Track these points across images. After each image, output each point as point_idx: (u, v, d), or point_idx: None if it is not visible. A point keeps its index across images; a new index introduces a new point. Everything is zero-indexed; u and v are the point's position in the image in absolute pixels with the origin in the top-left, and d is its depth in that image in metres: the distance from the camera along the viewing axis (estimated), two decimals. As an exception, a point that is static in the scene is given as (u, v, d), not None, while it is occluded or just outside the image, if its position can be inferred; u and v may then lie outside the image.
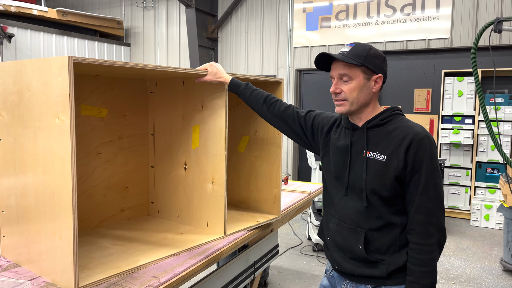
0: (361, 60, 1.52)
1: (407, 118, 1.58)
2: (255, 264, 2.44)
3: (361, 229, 1.55)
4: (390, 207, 1.53)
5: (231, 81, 1.95)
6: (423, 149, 1.47)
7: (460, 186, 6.27)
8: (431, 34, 6.58)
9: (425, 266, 1.46)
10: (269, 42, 7.93)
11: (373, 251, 1.55)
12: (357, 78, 1.54)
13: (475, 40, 2.77)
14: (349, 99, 1.56)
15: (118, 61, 1.56)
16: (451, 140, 6.13)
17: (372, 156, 1.54)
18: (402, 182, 1.50)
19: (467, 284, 3.90)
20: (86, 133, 2.12)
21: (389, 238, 1.53)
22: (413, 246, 1.49)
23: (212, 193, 2.12)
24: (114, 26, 9.08)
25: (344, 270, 1.63)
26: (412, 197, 1.49)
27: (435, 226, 1.47)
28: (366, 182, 1.53)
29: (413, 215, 1.49)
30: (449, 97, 6.25)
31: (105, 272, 1.61)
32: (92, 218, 2.18)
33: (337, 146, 1.65)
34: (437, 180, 1.48)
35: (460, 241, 5.19)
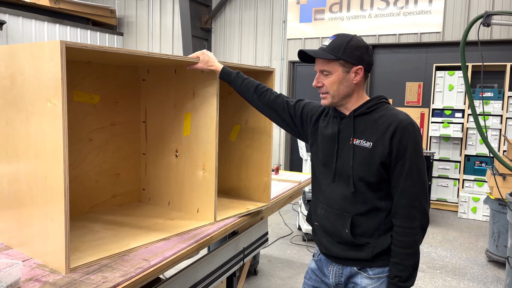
0: (338, 54, 1.56)
1: (392, 106, 1.63)
2: (244, 251, 2.48)
3: (348, 214, 1.61)
4: (376, 192, 1.58)
5: (222, 70, 1.98)
6: (408, 135, 1.52)
7: (449, 179, 6.37)
8: (423, 28, 6.63)
9: (408, 248, 1.52)
10: (263, 33, 7.93)
11: (359, 235, 1.60)
12: (335, 72, 1.59)
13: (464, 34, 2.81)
14: (330, 92, 1.62)
15: (110, 47, 1.57)
16: (441, 134, 6.21)
17: (358, 143, 1.59)
18: (387, 168, 1.55)
19: (453, 274, 3.99)
20: (78, 119, 2.13)
21: (374, 222, 1.59)
22: (397, 229, 1.55)
23: (202, 180, 2.15)
24: (107, 14, 9.01)
25: (331, 254, 1.68)
26: (397, 182, 1.54)
27: (418, 210, 1.53)
28: (353, 168, 1.58)
29: (397, 200, 1.55)
30: (440, 91, 6.32)
31: (96, 254, 1.65)
32: (83, 204, 2.20)
33: (325, 134, 1.70)
34: (420, 165, 1.54)
35: (447, 232, 5.29)
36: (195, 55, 1.99)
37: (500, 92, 5.97)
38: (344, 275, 1.67)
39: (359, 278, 1.63)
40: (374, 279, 1.61)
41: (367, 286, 1.61)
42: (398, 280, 1.53)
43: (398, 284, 1.53)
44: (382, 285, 1.60)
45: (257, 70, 2.41)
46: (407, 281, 1.53)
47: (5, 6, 6.98)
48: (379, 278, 1.61)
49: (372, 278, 1.61)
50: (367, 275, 1.62)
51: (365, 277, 1.62)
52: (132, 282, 1.48)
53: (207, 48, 8.32)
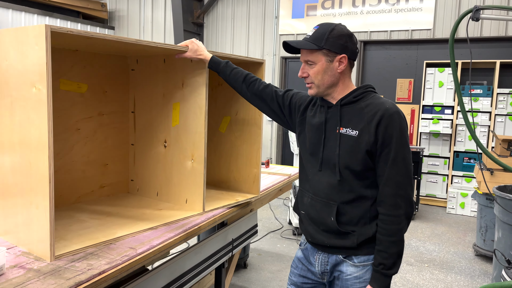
0: (321, 44, 1.56)
1: (379, 95, 1.63)
2: (233, 242, 2.48)
3: (334, 202, 1.61)
4: (362, 180, 1.59)
5: (211, 59, 1.97)
6: (393, 124, 1.52)
7: (438, 174, 6.43)
8: (415, 25, 6.66)
9: (393, 236, 1.53)
10: (255, 29, 7.91)
11: (345, 223, 1.61)
12: (319, 61, 1.59)
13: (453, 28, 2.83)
14: (315, 82, 1.62)
15: (97, 33, 1.56)
16: (431, 130, 6.25)
17: (345, 132, 1.59)
18: (373, 156, 1.55)
19: (440, 267, 4.03)
20: (65, 108, 2.11)
21: (360, 210, 1.59)
22: (382, 217, 1.56)
23: (191, 171, 2.14)
24: (98, 8, 8.92)
25: (316, 242, 1.69)
26: (382, 170, 1.54)
27: (403, 198, 1.53)
28: (339, 157, 1.59)
29: (382, 188, 1.55)
30: (430, 88, 6.36)
31: (82, 242, 1.63)
32: (70, 194, 2.18)
33: (313, 123, 1.70)
34: (406, 154, 1.54)
35: (436, 227, 5.34)
36: (184, 44, 1.98)
37: (489, 89, 6.02)
38: (329, 263, 1.67)
39: (344, 266, 1.64)
40: (359, 267, 1.62)
41: (352, 274, 1.62)
42: (382, 268, 1.54)
43: (383, 271, 1.54)
44: (367, 273, 1.61)
45: (247, 61, 2.40)
46: (391, 268, 1.54)
47: (-6, -2, 6.88)
48: (364, 266, 1.61)
49: (357, 266, 1.62)
50: (352, 263, 1.62)
51: (350, 265, 1.63)
52: (118, 269, 1.48)
53: (199, 43, 8.28)
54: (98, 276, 1.41)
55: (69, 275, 1.38)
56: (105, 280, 1.42)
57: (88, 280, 1.37)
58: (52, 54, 2.00)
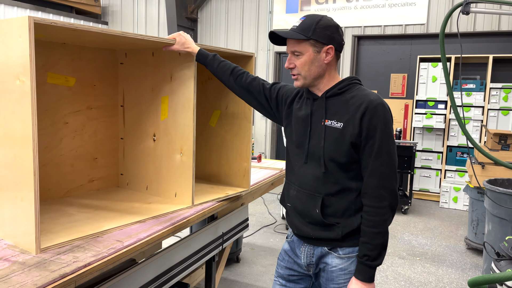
0: (308, 34, 1.56)
1: (364, 87, 1.63)
2: (224, 236, 2.48)
3: (319, 194, 1.62)
4: (347, 172, 1.59)
5: (198, 52, 1.96)
6: (377, 115, 1.52)
7: (432, 169, 6.45)
8: (408, 20, 6.66)
9: (377, 228, 1.54)
10: (249, 24, 7.89)
11: (330, 215, 1.61)
12: (306, 52, 1.58)
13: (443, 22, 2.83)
14: (301, 73, 1.61)
15: (82, 24, 1.55)
16: (424, 125, 6.27)
17: (330, 124, 1.59)
18: (358, 148, 1.56)
19: (432, 261, 4.06)
20: (53, 102, 2.10)
21: (345, 202, 1.60)
22: (367, 209, 1.56)
23: (180, 164, 2.14)
24: (91, 3, 8.86)
25: (302, 234, 1.69)
26: (366, 162, 1.55)
27: (387, 190, 1.53)
28: (324, 149, 1.59)
29: (367, 179, 1.55)
30: (424, 82, 6.37)
31: (68, 235, 1.63)
32: (59, 187, 2.18)
33: (299, 116, 1.70)
34: (390, 146, 1.54)
35: (429, 221, 5.37)
36: (172, 37, 1.97)
37: (482, 84, 6.05)
38: (315, 255, 1.68)
39: (329, 258, 1.64)
40: (344, 258, 1.62)
41: (338, 265, 1.63)
42: (367, 259, 1.54)
43: (367, 263, 1.54)
44: (352, 265, 1.62)
45: (237, 54, 2.39)
46: (375, 260, 1.54)
47: (-15, -7, 6.82)
48: (349, 257, 1.62)
49: (343, 258, 1.62)
50: (337, 255, 1.63)
51: (335, 257, 1.63)
52: (103, 262, 1.47)
53: (193, 38, 8.26)
54: (83, 268, 1.41)
55: (54, 267, 1.38)
56: (91, 272, 1.42)
57: (73, 272, 1.37)
58: (39, 47, 2.00)
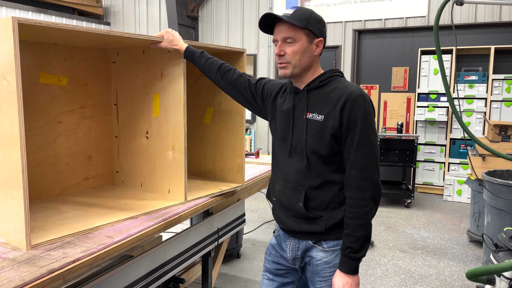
0: (304, 23, 1.55)
1: (345, 79, 1.63)
2: (219, 231, 2.50)
3: (302, 187, 1.62)
4: (329, 165, 1.59)
5: (186, 49, 1.97)
6: (357, 107, 1.52)
7: (435, 162, 6.42)
8: (409, 13, 6.62)
9: (359, 220, 1.53)
10: (250, 20, 7.89)
11: (313, 208, 1.62)
12: (300, 40, 1.57)
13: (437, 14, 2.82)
14: (291, 61, 1.59)
15: (67, 24, 1.57)
16: (426, 118, 6.24)
17: (311, 117, 1.59)
18: (339, 140, 1.55)
19: (433, 254, 4.04)
20: (46, 101, 2.13)
21: (328, 195, 1.60)
22: (349, 201, 1.56)
23: (173, 161, 2.16)
24: (93, 4, 8.91)
25: (287, 228, 1.70)
26: (348, 154, 1.55)
27: (369, 181, 1.53)
28: (306, 142, 1.59)
29: (348, 171, 1.55)
30: (425, 75, 6.33)
31: (60, 232, 1.66)
32: (54, 186, 2.21)
33: (282, 110, 1.71)
34: (371, 137, 1.54)
35: (432, 214, 5.34)
36: (160, 34, 1.98)
37: (484, 76, 5.99)
38: (300, 249, 1.68)
39: (314, 252, 1.65)
40: (328, 252, 1.62)
41: (322, 259, 1.63)
42: (350, 251, 1.54)
43: (350, 255, 1.54)
44: (337, 258, 1.62)
45: (228, 50, 2.40)
46: (358, 251, 1.54)
47: (-13, -4, 6.89)
48: (333, 251, 1.62)
49: (327, 251, 1.62)
50: (322, 248, 1.63)
51: (320, 250, 1.63)
52: (92, 257, 1.50)
53: (194, 36, 8.28)
54: (72, 264, 1.43)
55: (43, 263, 1.41)
56: (80, 268, 1.45)
57: (61, 268, 1.39)
58: (31, 48, 2.03)
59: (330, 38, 7.21)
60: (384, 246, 4.24)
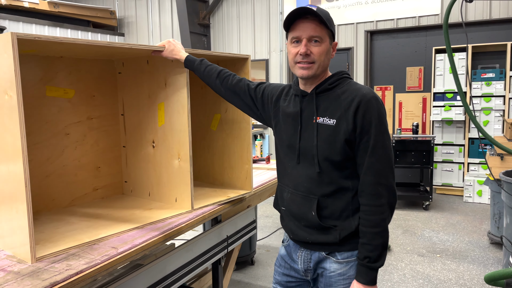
0: (329, 24, 1.51)
1: (355, 81, 1.58)
2: (228, 239, 2.48)
3: (314, 195, 1.56)
4: (342, 171, 1.54)
5: (186, 58, 1.97)
6: (371, 110, 1.47)
7: (453, 163, 6.27)
8: (422, 11, 6.52)
9: (376, 227, 1.48)
10: (261, 26, 7.90)
11: (326, 217, 1.56)
12: (325, 41, 1.52)
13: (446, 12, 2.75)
14: (317, 62, 1.52)
15: (66, 37, 1.58)
16: (443, 117, 6.11)
17: (322, 122, 1.54)
18: (352, 145, 1.50)
19: (453, 257, 3.93)
20: (53, 114, 2.16)
21: (341, 202, 1.54)
22: (364, 208, 1.50)
23: (179, 169, 2.16)
24: (107, 16, 9.08)
25: (298, 239, 1.64)
26: (362, 159, 1.49)
27: (384, 187, 1.48)
28: (318, 148, 1.54)
29: (363, 177, 1.50)
30: (441, 74, 6.21)
31: (65, 244, 1.66)
32: (63, 197, 2.23)
33: (287, 114, 1.66)
34: (386, 141, 1.49)
35: (451, 216, 5.21)
36: (161, 44, 1.99)
37: (502, 72, 5.84)
38: (312, 261, 1.63)
39: (328, 263, 1.59)
40: (343, 263, 1.57)
41: (336, 270, 1.57)
42: (368, 261, 1.48)
43: (368, 265, 1.48)
44: (351, 269, 1.56)
45: (233, 57, 2.40)
46: (377, 261, 1.48)
47: (5, 12, 7.09)
48: (348, 262, 1.57)
49: (341, 263, 1.57)
50: (335, 260, 1.58)
51: (334, 261, 1.58)
52: (96, 269, 1.50)
53: (207, 43, 8.33)
54: (75, 276, 1.43)
55: (46, 276, 1.41)
56: (83, 280, 1.45)
57: (64, 280, 1.40)
58: (36, 62, 2.07)
59: (342, 40, 7.15)
60: (402, 250, 4.15)
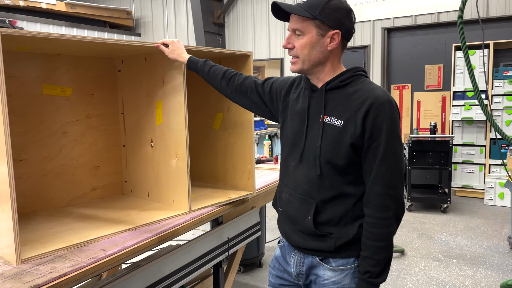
0: (314, 13, 1.37)
1: (370, 80, 1.46)
2: (229, 241, 2.41)
3: (313, 199, 1.46)
4: (344, 176, 1.43)
5: (189, 59, 1.89)
6: (383, 114, 1.35)
7: (474, 164, 6.05)
8: (441, 7, 6.31)
9: (380, 241, 1.37)
10: (275, 24, 7.81)
11: (323, 224, 1.46)
12: (309, 33, 1.40)
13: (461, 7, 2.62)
14: (300, 56, 1.43)
15: (54, 33, 1.54)
16: (463, 117, 5.89)
17: (329, 121, 1.43)
18: (359, 150, 1.39)
19: (470, 263, 3.76)
20: (50, 112, 2.13)
21: (341, 209, 1.44)
22: (369, 220, 1.39)
23: (176, 169, 2.10)
24: (124, 16, 9.16)
25: (292, 243, 1.56)
26: (370, 167, 1.38)
27: (393, 199, 1.37)
28: (321, 149, 1.43)
29: (370, 187, 1.39)
30: (461, 72, 5.99)
31: (53, 245, 1.62)
32: (61, 197, 2.20)
33: (295, 109, 1.55)
34: (397, 148, 1.37)
35: (471, 220, 5.01)
36: (165, 41, 1.93)
37: (525, 70, 5.59)
38: (305, 265, 1.54)
39: (321, 270, 1.50)
40: (337, 271, 1.47)
41: (330, 278, 1.48)
42: (369, 276, 1.38)
43: (369, 280, 1.38)
44: (346, 278, 1.46)
45: (234, 54, 2.33)
46: (379, 276, 1.38)
47: (23, 13, 7.21)
48: (342, 270, 1.47)
49: (335, 270, 1.47)
50: (329, 267, 1.48)
51: (327, 269, 1.48)
52: (80, 272, 1.45)
53: (221, 42, 8.29)
54: (58, 279, 1.38)
55: (28, 278, 1.37)
56: (66, 283, 1.40)
57: (45, 284, 1.35)
58: (34, 60, 2.04)
59: (358, 38, 7.00)
60: (416, 254, 3.99)
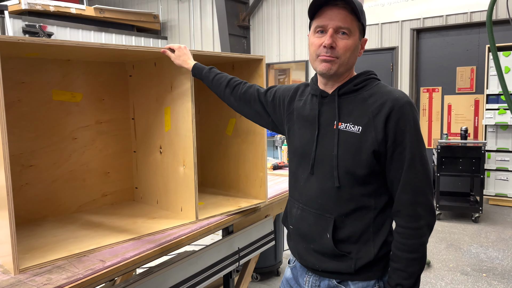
0: (362, 16, 1.31)
1: (384, 83, 1.36)
2: (240, 252, 2.33)
3: (330, 214, 1.34)
4: (365, 187, 1.32)
5: (194, 66, 1.82)
6: (406, 117, 1.26)
7: (509, 171, 5.72)
8: (473, 7, 6.03)
9: (413, 253, 1.27)
10: (301, 27, 7.70)
11: (343, 241, 1.35)
12: (355, 35, 1.31)
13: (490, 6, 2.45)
14: (341, 57, 1.31)
15: (54, 39, 1.51)
16: (497, 121, 5.59)
17: (344, 128, 1.32)
18: (381, 157, 1.29)
19: (501, 277, 3.53)
20: (60, 118, 2.12)
21: (361, 224, 1.33)
22: (400, 230, 1.29)
23: (184, 177, 2.04)
24: (151, 20, 9.26)
25: (306, 264, 1.44)
26: (396, 174, 1.28)
27: (424, 207, 1.27)
28: (338, 158, 1.32)
29: (399, 195, 1.29)
30: (495, 74, 5.68)
31: (53, 255, 1.59)
32: (70, 203, 2.19)
33: (303, 117, 1.45)
34: (423, 152, 1.28)
35: (504, 231, 4.73)
36: (172, 46, 1.88)
37: None
38: None
39: None
40: None
41: None
42: None
43: None
44: None
45: (247, 59, 2.26)
46: None
47: (53, 18, 7.41)
48: None
49: None
50: None
51: None
52: (76, 285, 1.41)
53: (246, 46, 8.25)
54: (51, 292, 1.35)
55: (21, 290, 1.34)
56: (59, 296, 1.36)
57: (37, 296, 1.32)
58: (42, 66, 2.03)
59: (386, 39, 6.79)
60: (443, 266, 3.79)
